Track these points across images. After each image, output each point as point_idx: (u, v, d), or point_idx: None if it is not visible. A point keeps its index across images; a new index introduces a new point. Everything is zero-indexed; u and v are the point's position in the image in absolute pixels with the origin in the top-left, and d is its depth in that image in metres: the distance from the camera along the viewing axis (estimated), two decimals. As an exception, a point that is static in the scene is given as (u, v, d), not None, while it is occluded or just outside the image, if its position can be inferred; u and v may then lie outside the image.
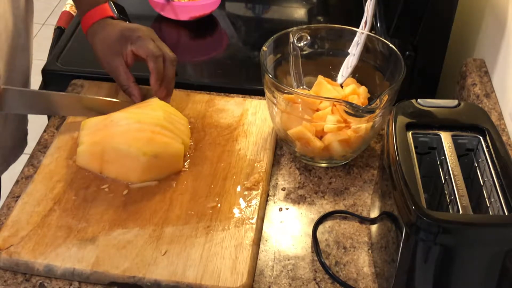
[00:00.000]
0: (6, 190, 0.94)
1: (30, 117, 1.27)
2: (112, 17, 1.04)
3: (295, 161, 0.99)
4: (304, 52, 1.03)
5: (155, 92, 0.99)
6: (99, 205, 0.88)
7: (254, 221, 0.86)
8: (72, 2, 1.46)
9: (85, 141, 0.93)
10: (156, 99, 1.01)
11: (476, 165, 0.77)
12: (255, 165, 0.95)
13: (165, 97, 1.00)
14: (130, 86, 1.01)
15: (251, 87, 1.13)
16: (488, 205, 0.72)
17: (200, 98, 1.08)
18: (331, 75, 1.03)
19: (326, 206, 0.92)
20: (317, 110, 0.93)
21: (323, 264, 0.83)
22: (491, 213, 0.71)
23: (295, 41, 1.02)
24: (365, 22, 1.01)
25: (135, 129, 0.91)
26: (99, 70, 1.19)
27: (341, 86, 1.01)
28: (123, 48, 1.00)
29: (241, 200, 0.90)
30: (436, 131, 0.78)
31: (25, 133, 1.20)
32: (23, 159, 1.02)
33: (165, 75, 0.99)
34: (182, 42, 1.33)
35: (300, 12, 1.43)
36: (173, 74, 1.01)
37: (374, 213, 0.85)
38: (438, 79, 1.14)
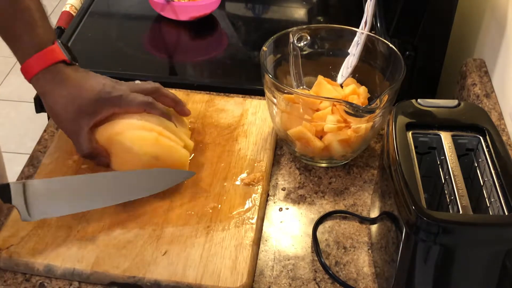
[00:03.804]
0: (6, 190, 0.94)
1: (30, 116, 1.27)
2: (65, 61, 0.90)
3: (295, 161, 0.99)
4: (304, 52, 1.03)
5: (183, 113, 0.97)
6: (99, 205, 0.88)
7: (254, 221, 0.86)
8: (72, 2, 1.46)
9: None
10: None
11: (476, 165, 0.77)
12: (255, 165, 0.95)
13: (185, 111, 0.98)
14: (96, 148, 0.91)
15: (251, 87, 1.13)
16: (488, 205, 0.72)
17: (200, 98, 1.08)
18: (331, 75, 1.03)
19: (326, 206, 0.92)
20: (317, 110, 0.93)
21: (323, 264, 0.83)
22: (491, 213, 0.71)
23: (295, 41, 1.02)
24: (365, 22, 1.01)
25: (140, 126, 0.91)
26: (100, 70, 1.19)
27: (341, 86, 1.01)
28: (101, 110, 0.90)
29: (241, 200, 0.90)
30: (436, 131, 0.78)
31: None
32: (23, 159, 1.02)
33: (170, 104, 0.96)
34: (182, 42, 1.33)
35: (300, 12, 1.43)
36: (173, 96, 0.96)
37: (374, 213, 0.85)
38: (438, 79, 1.14)
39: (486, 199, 0.72)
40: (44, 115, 1.19)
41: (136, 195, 0.88)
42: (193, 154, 0.97)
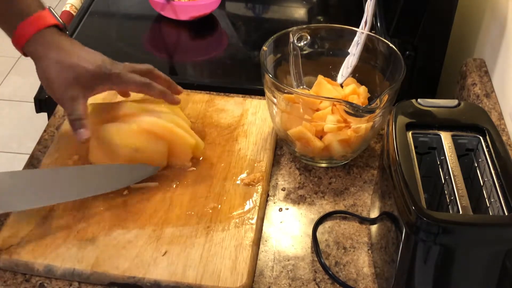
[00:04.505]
0: (6, 190, 0.94)
1: (30, 116, 1.27)
2: (58, 26, 0.89)
3: (295, 161, 0.99)
4: (304, 52, 1.03)
5: (174, 99, 0.96)
6: (99, 205, 0.88)
7: (254, 221, 0.86)
8: (72, 2, 1.46)
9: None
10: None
11: (476, 165, 0.77)
12: (255, 165, 0.95)
13: (177, 90, 0.98)
14: (84, 119, 0.88)
15: (251, 87, 1.13)
16: (488, 205, 0.72)
17: (200, 98, 1.08)
18: (331, 75, 1.03)
19: (326, 206, 0.92)
20: (317, 110, 0.93)
21: (323, 265, 0.83)
22: (491, 213, 0.71)
23: (295, 41, 1.02)
24: (365, 22, 1.01)
25: (126, 120, 0.92)
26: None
27: (341, 86, 1.01)
28: (98, 85, 0.90)
29: (241, 200, 0.90)
30: (436, 131, 0.78)
31: None
32: (23, 158, 1.02)
33: (163, 85, 0.96)
34: (182, 42, 1.33)
35: (300, 12, 1.43)
36: (165, 77, 0.97)
37: (374, 213, 0.85)
38: (438, 79, 1.14)
39: (486, 199, 0.72)
40: (44, 115, 1.19)
41: (102, 190, 0.88)
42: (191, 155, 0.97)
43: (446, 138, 0.77)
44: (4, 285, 0.80)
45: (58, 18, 0.90)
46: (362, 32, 1.00)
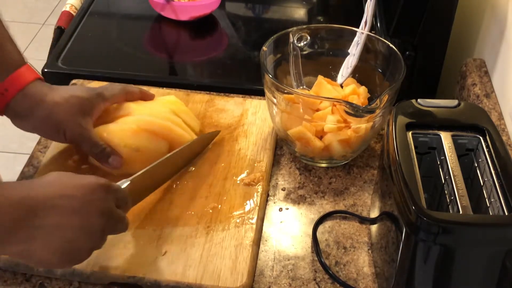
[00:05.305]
0: (6, 190, 0.94)
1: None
2: (40, 79, 0.91)
3: (295, 161, 0.99)
4: (304, 52, 1.03)
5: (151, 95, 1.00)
6: (99, 205, 0.88)
7: (254, 221, 0.86)
8: (72, 2, 1.46)
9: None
10: (172, 96, 1.01)
11: (476, 165, 0.77)
12: (255, 165, 0.95)
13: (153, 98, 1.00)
14: (107, 146, 0.90)
15: (251, 87, 1.13)
16: (488, 205, 0.72)
17: (200, 98, 1.08)
18: (331, 75, 1.03)
19: (326, 206, 0.92)
20: (317, 110, 0.94)
21: (323, 264, 0.83)
22: (491, 213, 0.71)
23: (295, 41, 1.02)
24: (365, 22, 1.01)
25: (124, 121, 0.92)
26: (100, 70, 1.19)
27: (341, 86, 1.01)
28: (95, 106, 0.92)
29: (241, 200, 0.90)
30: (436, 131, 0.78)
31: None
32: (23, 159, 1.02)
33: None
34: (182, 42, 1.33)
35: (300, 12, 1.43)
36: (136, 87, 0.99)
37: (374, 213, 0.85)
38: (438, 79, 1.14)
39: (486, 199, 0.72)
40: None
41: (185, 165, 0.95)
42: (193, 154, 0.97)
43: (446, 138, 0.77)
44: (4, 285, 0.80)
45: (37, 71, 0.92)
46: (362, 32, 1.00)
